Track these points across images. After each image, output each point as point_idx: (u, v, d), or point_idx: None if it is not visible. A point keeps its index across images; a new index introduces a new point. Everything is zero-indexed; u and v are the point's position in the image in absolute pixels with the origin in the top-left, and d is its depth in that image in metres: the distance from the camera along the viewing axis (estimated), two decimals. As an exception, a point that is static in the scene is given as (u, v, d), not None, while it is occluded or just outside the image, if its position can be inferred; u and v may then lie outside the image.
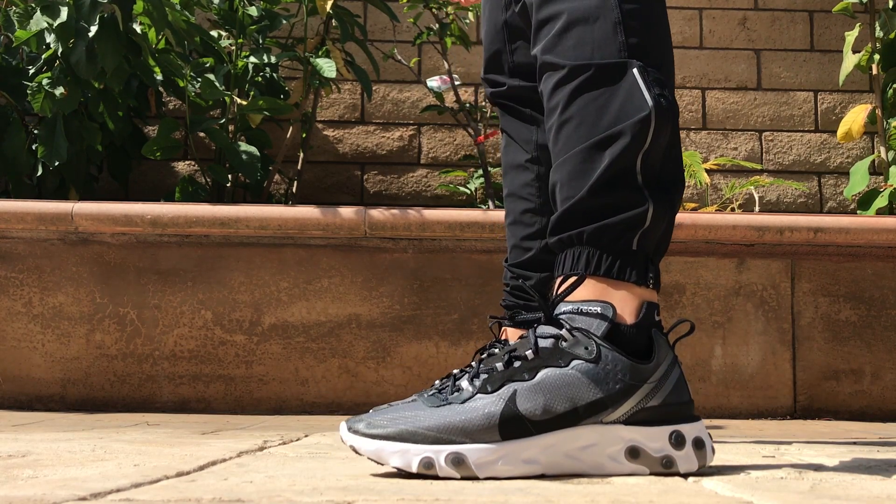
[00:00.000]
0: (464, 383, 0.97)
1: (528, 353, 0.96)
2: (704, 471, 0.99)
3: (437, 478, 0.92)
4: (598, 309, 0.98)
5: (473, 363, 1.02)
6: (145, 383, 2.12)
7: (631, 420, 0.96)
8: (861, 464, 1.11)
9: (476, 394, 0.95)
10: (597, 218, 0.99)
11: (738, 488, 0.88)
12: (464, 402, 0.95)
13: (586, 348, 0.96)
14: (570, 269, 1.00)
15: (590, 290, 0.99)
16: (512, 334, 1.26)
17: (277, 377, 2.14)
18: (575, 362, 0.96)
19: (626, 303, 1.00)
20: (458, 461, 0.92)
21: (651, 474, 0.95)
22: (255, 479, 0.93)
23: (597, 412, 0.95)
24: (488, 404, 0.94)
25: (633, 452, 0.95)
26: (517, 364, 0.96)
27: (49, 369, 2.12)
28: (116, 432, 1.52)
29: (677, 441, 0.96)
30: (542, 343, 0.97)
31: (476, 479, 0.92)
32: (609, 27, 1.02)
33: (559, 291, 1.00)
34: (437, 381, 1.04)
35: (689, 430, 0.97)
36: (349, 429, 0.96)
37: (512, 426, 0.93)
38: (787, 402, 2.18)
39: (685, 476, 0.97)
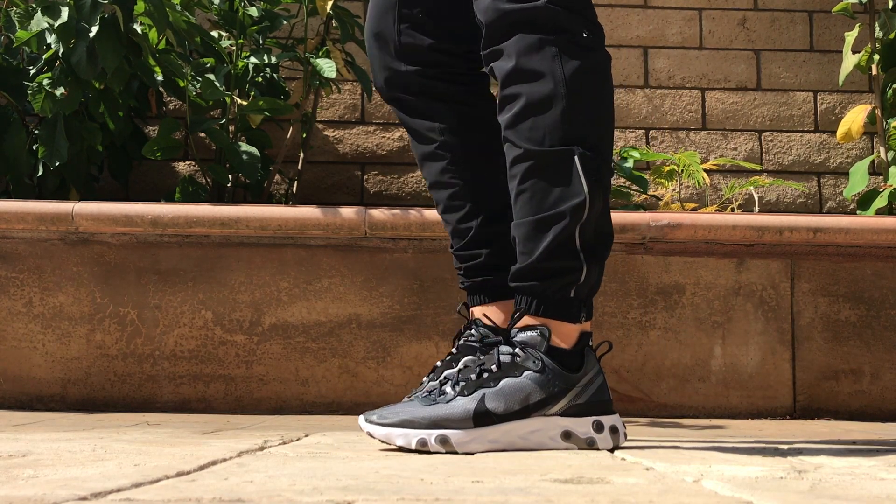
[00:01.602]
0: (448, 389, 1.30)
1: (493, 367, 1.30)
2: (706, 472, 1.00)
3: (428, 452, 1.24)
4: (537, 333, 1.32)
5: (454, 364, 1.37)
6: (145, 383, 2.13)
7: (566, 413, 1.30)
8: (861, 464, 1.11)
9: (456, 396, 1.29)
10: (543, 277, 1.31)
11: (738, 488, 0.88)
12: (448, 402, 1.28)
13: (534, 362, 1.30)
14: (525, 309, 1.33)
15: (536, 322, 1.33)
16: (477, 312, 1.47)
17: (278, 377, 2.14)
18: (527, 372, 1.30)
19: (565, 334, 1.32)
20: (443, 441, 1.25)
21: (578, 449, 1.28)
22: (255, 478, 0.93)
23: (541, 408, 1.29)
24: (466, 403, 1.28)
25: (566, 435, 1.30)
26: (486, 375, 1.30)
27: (49, 369, 2.12)
28: (117, 432, 1.53)
29: (598, 427, 1.31)
30: (504, 359, 1.31)
31: (456, 453, 1.24)
32: (558, 116, 1.30)
33: (516, 324, 1.33)
34: (424, 378, 1.40)
35: (607, 420, 1.33)
36: (366, 420, 1.28)
37: (482, 418, 1.27)
38: (786, 402, 2.18)
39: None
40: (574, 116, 1.30)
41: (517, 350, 1.31)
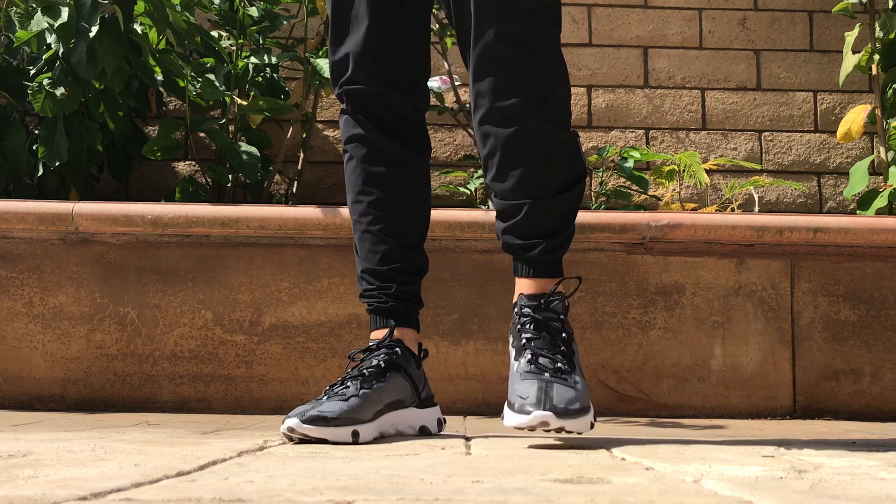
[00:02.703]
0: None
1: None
2: (706, 472, 1.00)
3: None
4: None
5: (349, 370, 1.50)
6: (145, 383, 2.13)
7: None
8: (861, 464, 1.11)
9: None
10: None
11: (737, 488, 0.88)
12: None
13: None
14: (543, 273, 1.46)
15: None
16: (405, 335, 1.56)
17: (278, 377, 2.14)
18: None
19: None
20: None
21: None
22: (255, 478, 0.93)
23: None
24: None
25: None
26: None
27: (49, 369, 2.12)
28: (117, 432, 1.53)
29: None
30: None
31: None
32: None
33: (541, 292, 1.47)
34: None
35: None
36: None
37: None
38: (786, 402, 2.18)
39: (683, 477, 0.97)
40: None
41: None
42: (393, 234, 1.55)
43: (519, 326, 1.43)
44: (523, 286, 1.47)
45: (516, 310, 1.45)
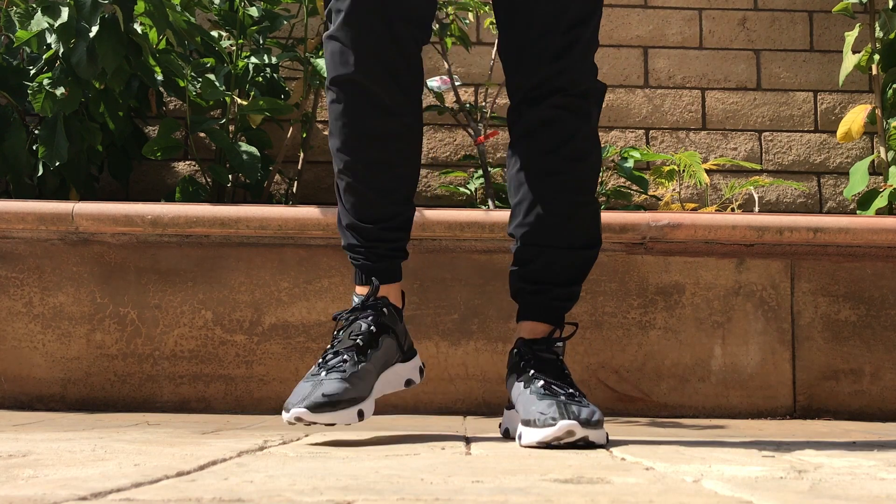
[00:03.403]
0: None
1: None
2: (706, 472, 1.00)
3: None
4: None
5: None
6: (145, 383, 2.13)
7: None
8: (861, 464, 1.11)
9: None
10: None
11: (737, 488, 0.88)
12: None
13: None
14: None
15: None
16: (391, 290, 1.54)
17: (278, 377, 2.14)
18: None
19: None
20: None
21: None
22: (255, 478, 0.93)
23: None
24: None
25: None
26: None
27: (49, 369, 2.12)
28: (117, 432, 1.53)
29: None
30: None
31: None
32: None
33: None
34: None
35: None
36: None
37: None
38: (786, 401, 2.18)
39: (684, 477, 0.97)
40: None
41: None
42: (382, 190, 1.48)
43: (522, 363, 1.46)
44: (525, 330, 1.50)
45: (515, 352, 1.49)
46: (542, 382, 1.39)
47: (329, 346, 1.47)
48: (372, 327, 1.45)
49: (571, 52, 1.46)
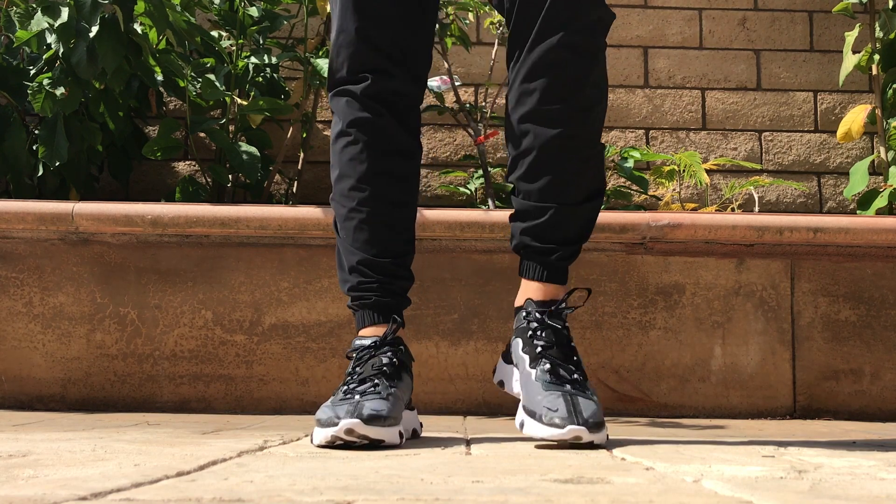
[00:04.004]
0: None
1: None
2: (706, 472, 1.00)
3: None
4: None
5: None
6: (145, 383, 2.13)
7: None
8: (861, 464, 1.11)
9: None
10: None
11: (737, 488, 0.88)
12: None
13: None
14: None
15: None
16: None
17: (278, 377, 2.14)
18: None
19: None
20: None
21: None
22: (255, 478, 0.93)
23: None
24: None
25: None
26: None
27: (49, 369, 2.12)
28: (117, 432, 1.53)
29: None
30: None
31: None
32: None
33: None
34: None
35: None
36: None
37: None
38: (786, 402, 2.18)
39: (684, 477, 0.97)
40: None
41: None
42: (395, 228, 1.50)
43: (530, 332, 1.42)
44: (533, 290, 1.46)
45: (524, 314, 1.45)
46: (548, 366, 1.37)
47: (346, 380, 1.40)
48: (394, 360, 1.42)
49: None
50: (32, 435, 1.45)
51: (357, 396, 1.32)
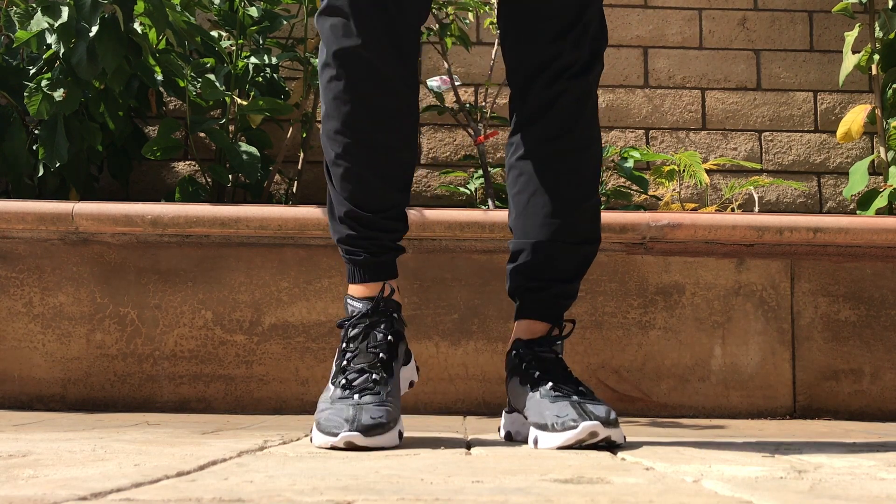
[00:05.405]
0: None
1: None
2: (706, 472, 1.00)
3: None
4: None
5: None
6: (145, 383, 2.13)
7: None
8: (861, 464, 1.11)
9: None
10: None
11: (737, 488, 0.88)
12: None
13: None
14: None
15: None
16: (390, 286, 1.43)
17: (278, 377, 2.14)
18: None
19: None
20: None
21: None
22: (255, 478, 0.93)
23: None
24: None
25: None
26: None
27: (49, 369, 2.12)
28: (117, 432, 1.53)
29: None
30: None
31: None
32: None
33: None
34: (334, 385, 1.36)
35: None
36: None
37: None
38: (786, 402, 2.18)
39: (685, 476, 0.97)
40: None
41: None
42: (384, 176, 1.38)
43: (524, 365, 1.41)
44: (523, 329, 1.46)
45: (515, 352, 1.44)
46: (550, 384, 1.36)
47: (342, 358, 1.37)
48: (389, 337, 1.37)
49: (574, 30, 1.41)
50: (32, 435, 1.45)
51: (356, 396, 1.30)
